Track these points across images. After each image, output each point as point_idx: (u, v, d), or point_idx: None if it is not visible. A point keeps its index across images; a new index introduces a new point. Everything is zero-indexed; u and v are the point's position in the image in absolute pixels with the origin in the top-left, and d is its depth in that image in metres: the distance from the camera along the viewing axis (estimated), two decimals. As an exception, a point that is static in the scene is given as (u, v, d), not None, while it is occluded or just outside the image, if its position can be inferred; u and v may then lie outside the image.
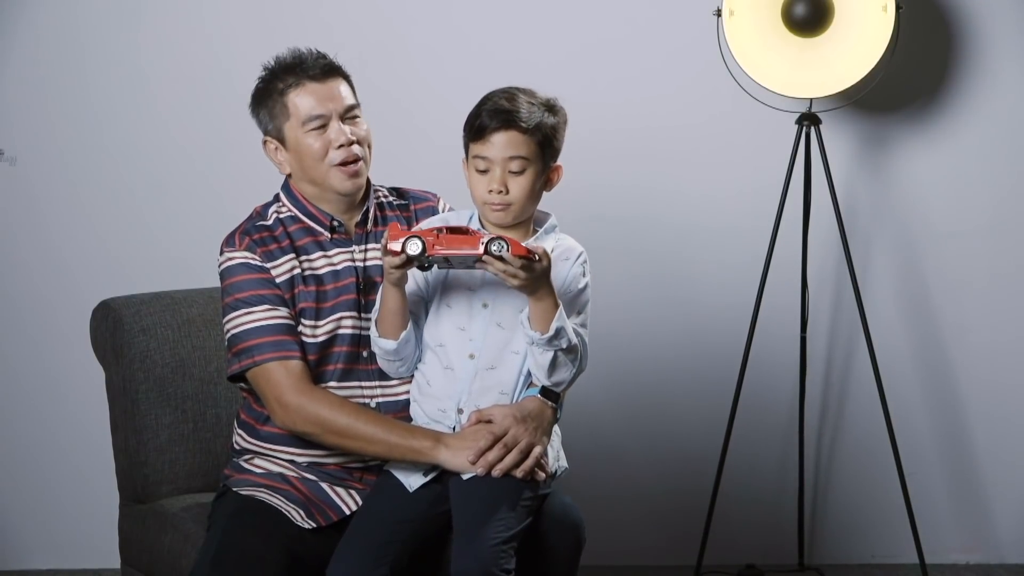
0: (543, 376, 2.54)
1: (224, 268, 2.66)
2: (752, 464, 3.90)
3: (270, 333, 2.60)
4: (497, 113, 2.52)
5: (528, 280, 2.44)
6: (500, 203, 2.54)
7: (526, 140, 2.52)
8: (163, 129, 3.82)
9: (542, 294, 2.47)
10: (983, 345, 3.93)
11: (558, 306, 2.48)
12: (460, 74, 3.76)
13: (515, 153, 2.52)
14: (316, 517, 2.60)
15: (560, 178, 2.61)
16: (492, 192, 2.53)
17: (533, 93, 2.57)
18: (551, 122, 2.55)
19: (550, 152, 2.56)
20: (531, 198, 2.56)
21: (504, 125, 2.51)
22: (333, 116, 2.65)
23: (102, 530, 3.49)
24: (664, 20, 3.82)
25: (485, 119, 2.52)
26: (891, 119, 3.87)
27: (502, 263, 2.42)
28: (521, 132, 2.52)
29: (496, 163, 2.52)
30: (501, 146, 2.52)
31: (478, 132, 2.53)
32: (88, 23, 3.79)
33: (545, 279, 2.46)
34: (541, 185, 2.57)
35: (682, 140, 3.86)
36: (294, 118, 2.66)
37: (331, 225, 2.70)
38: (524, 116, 2.51)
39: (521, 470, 2.50)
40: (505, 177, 2.52)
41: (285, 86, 2.66)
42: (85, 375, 3.39)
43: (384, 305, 2.56)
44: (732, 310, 3.81)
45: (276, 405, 2.60)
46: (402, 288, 2.53)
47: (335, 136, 2.64)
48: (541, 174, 2.56)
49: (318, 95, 2.65)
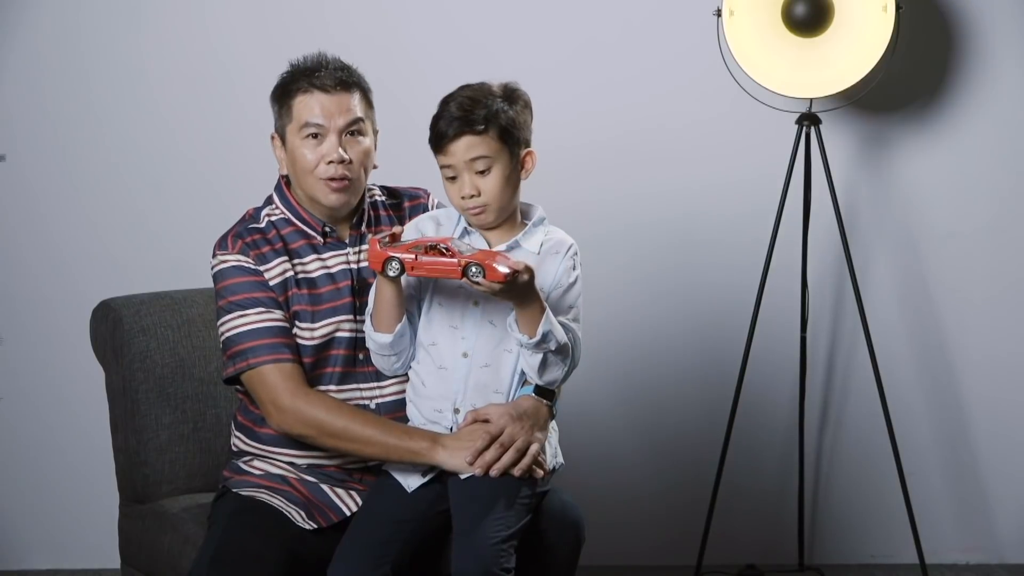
0: (535, 376, 2.55)
1: (217, 271, 2.66)
2: (752, 464, 3.90)
3: (264, 336, 2.60)
4: (450, 122, 2.52)
5: (510, 296, 2.44)
6: (476, 206, 2.54)
7: (483, 139, 2.52)
8: (163, 129, 3.82)
9: (527, 301, 2.47)
10: (983, 345, 3.93)
11: (544, 310, 2.48)
12: (460, 73, 3.74)
13: (475, 155, 2.52)
14: (316, 518, 2.60)
15: (535, 163, 2.59)
16: (465, 198, 2.53)
17: (486, 87, 2.57)
18: (509, 113, 2.54)
19: (513, 142, 2.55)
20: (507, 193, 2.55)
21: (458, 132, 2.51)
22: (331, 131, 2.64)
23: (102, 530, 3.49)
24: (664, 20, 3.82)
25: (441, 128, 2.53)
26: (891, 119, 3.87)
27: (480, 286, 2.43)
28: (476, 134, 2.52)
29: (461, 169, 2.53)
30: (460, 152, 2.52)
31: (437, 144, 2.54)
32: (88, 23, 3.80)
33: (529, 290, 2.46)
34: (514, 176, 2.56)
35: (682, 140, 3.86)
36: (295, 122, 2.66)
37: (323, 231, 2.70)
38: (475, 118, 2.51)
39: (519, 469, 2.50)
40: (474, 179, 2.52)
41: (296, 88, 2.66)
42: (85, 375, 3.39)
43: (379, 297, 2.56)
44: (732, 310, 3.81)
45: (271, 408, 2.59)
46: (398, 282, 2.53)
47: (327, 151, 2.64)
48: (510, 166, 2.55)
49: (322, 105, 2.64)
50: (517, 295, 2.45)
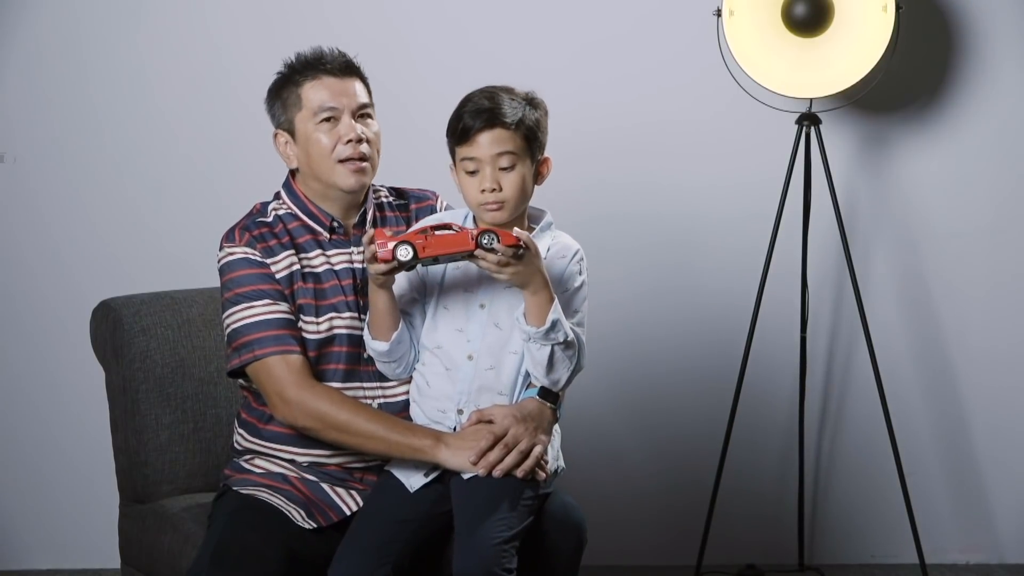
0: (541, 374, 2.54)
1: (224, 263, 2.66)
2: (752, 464, 3.90)
3: (271, 328, 2.60)
4: (479, 113, 2.52)
5: (519, 271, 2.44)
6: (495, 201, 2.54)
7: (512, 135, 2.52)
8: (163, 129, 3.82)
9: (536, 287, 2.47)
10: (983, 345, 3.93)
11: (553, 299, 2.48)
12: (461, 73, 3.74)
13: (502, 149, 2.52)
14: (317, 517, 2.60)
15: (550, 170, 2.61)
16: (485, 192, 2.53)
17: (512, 90, 2.57)
18: (534, 116, 2.56)
19: (536, 145, 2.56)
20: (524, 193, 2.56)
21: (488, 124, 2.51)
22: (345, 111, 2.66)
23: (102, 530, 3.49)
24: (664, 20, 3.82)
25: (468, 120, 2.52)
26: (891, 119, 3.87)
27: (494, 255, 2.42)
28: (506, 128, 2.52)
29: (485, 162, 2.52)
30: (488, 144, 2.52)
31: (463, 134, 2.53)
32: (88, 23, 3.79)
33: (537, 269, 2.46)
34: (532, 179, 2.57)
35: (682, 140, 3.86)
36: (307, 109, 2.66)
37: (331, 226, 2.70)
38: (507, 112, 2.52)
39: (521, 470, 2.50)
40: (496, 175, 2.52)
41: (302, 78, 2.68)
42: (85, 375, 3.39)
43: (373, 307, 2.57)
44: (732, 310, 3.81)
45: (277, 400, 2.60)
46: (389, 290, 2.54)
47: (344, 131, 2.65)
48: (531, 168, 2.56)
49: (333, 89, 2.66)
50: (525, 274, 2.44)
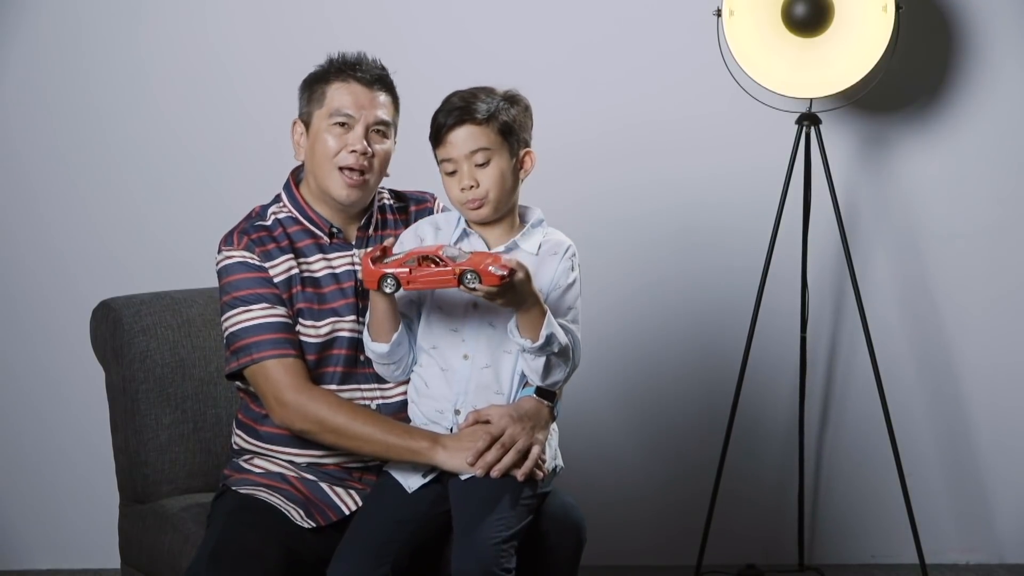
0: (537, 379, 2.55)
1: (222, 267, 2.66)
2: (752, 464, 3.91)
3: (268, 331, 2.60)
4: (451, 112, 2.54)
5: (510, 297, 2.44)
6: (474, 199, 2.54)
7: (484, 131, 2.53)
8: (163, 129, 3.82)
9: (528, 305, 2.46)
10: (983, 345, 3.93)
11: (545, 313, 2.48)
12: (462, 73, 3.74)
13: (476, 146, 2.53)
14: (315, 517, 2.61)
15: (533, 164, 2.60)
16: (464, 190, 2.54)
17: (491, 89, 2.58)
18: (510, 111, 2.56)
19: (514, 139, 2.56)
20: (505, 188, 2.55)
21: (458, 121, 2.53)
22: (360, 121, 2.65)
23: (102, 530, 3.49)
24: (664, 20, 3.82)
25: (440, 119, 2.55)
26: (891, 119, 3.87)
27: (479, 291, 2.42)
28: (476, 124, 2.53)
29: (461, 160, 2.53)
30: (460, 142, 2.53)
31: (436, 135, 2.55)
32: (88, 23, 3.80)
33: (528, 291, 2.46)
34: (513, 173, 2.57)
35: (682, 140, 3.86)
36: (326, 108, 2.67)
37: (330, 231, 2.70)
38: (478, 108, 2.53)
39: (521, 473, 2.50)
40: (473, 172, 2.53)
41: (333, 78, 2.68)
42: (85, 375, 3.39)
43: (373, 310, 2.57)
44: (732, 310, 3.81)
45: (274, 403, 2.60)
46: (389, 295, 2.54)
47: (352, 141, 2.65)
48: (509, 161, 2.55)
49: (356, 96, 2.66)
50: (515, 298, 2.45)
